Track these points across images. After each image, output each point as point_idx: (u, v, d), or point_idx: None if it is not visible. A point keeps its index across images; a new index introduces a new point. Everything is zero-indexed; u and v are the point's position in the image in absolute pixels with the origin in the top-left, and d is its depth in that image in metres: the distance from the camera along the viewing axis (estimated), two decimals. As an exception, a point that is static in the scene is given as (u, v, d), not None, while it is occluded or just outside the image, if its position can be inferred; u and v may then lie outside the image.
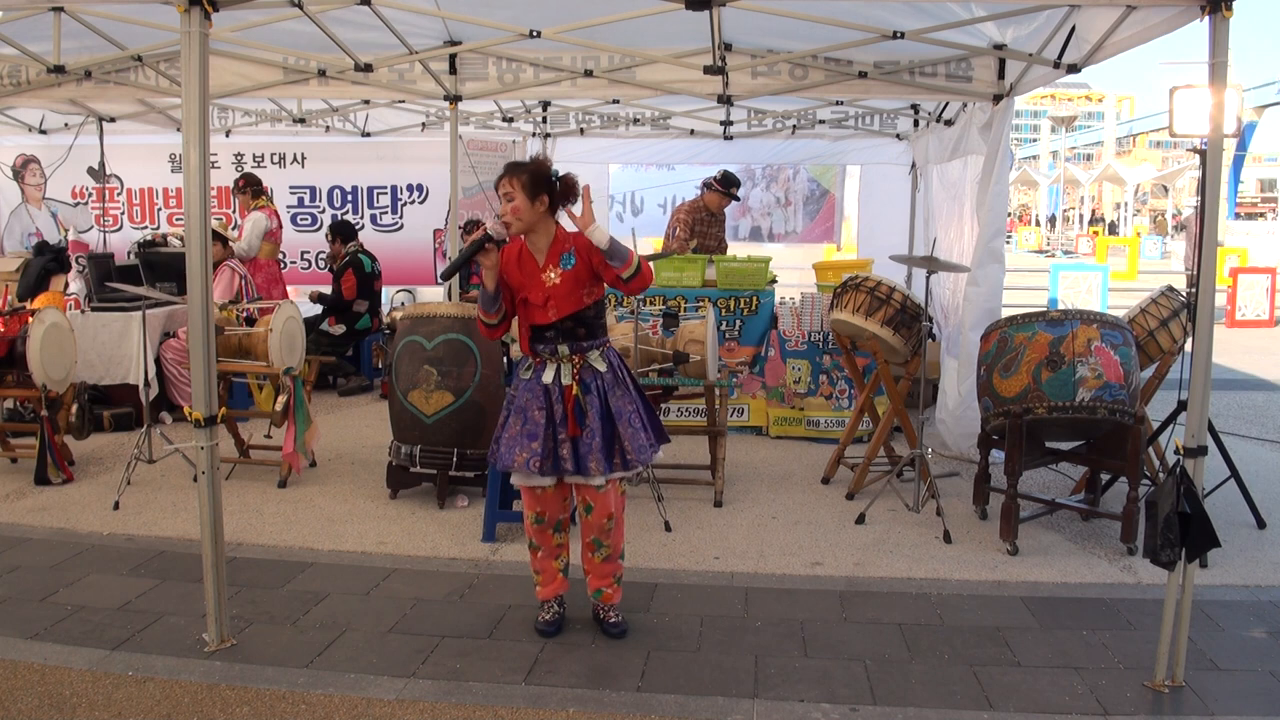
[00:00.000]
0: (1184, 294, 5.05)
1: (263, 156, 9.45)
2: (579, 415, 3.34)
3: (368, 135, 9.37)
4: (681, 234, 7.65)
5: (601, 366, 3.41)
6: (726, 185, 7.68)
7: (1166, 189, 36.53)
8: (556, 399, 3.36)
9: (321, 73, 6.00)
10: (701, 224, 7.76)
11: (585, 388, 3.37)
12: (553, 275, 3.33)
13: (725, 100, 6.27)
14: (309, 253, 9.54)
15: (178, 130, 8.44)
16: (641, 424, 3.41)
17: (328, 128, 9.06)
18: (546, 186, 3.29)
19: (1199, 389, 3.14)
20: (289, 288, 8.47)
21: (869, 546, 4.54)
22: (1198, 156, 3.44)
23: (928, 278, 5.22)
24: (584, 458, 3.34)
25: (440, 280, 3.16)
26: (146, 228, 9.53)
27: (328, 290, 8.26)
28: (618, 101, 8.07)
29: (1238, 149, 23.09)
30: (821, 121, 8.56)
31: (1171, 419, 4.89)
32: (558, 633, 3.56)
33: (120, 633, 3.52)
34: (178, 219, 9.53)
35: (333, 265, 8.41)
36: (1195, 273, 3.26)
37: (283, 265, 8.56)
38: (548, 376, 3.38)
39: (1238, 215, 27.20)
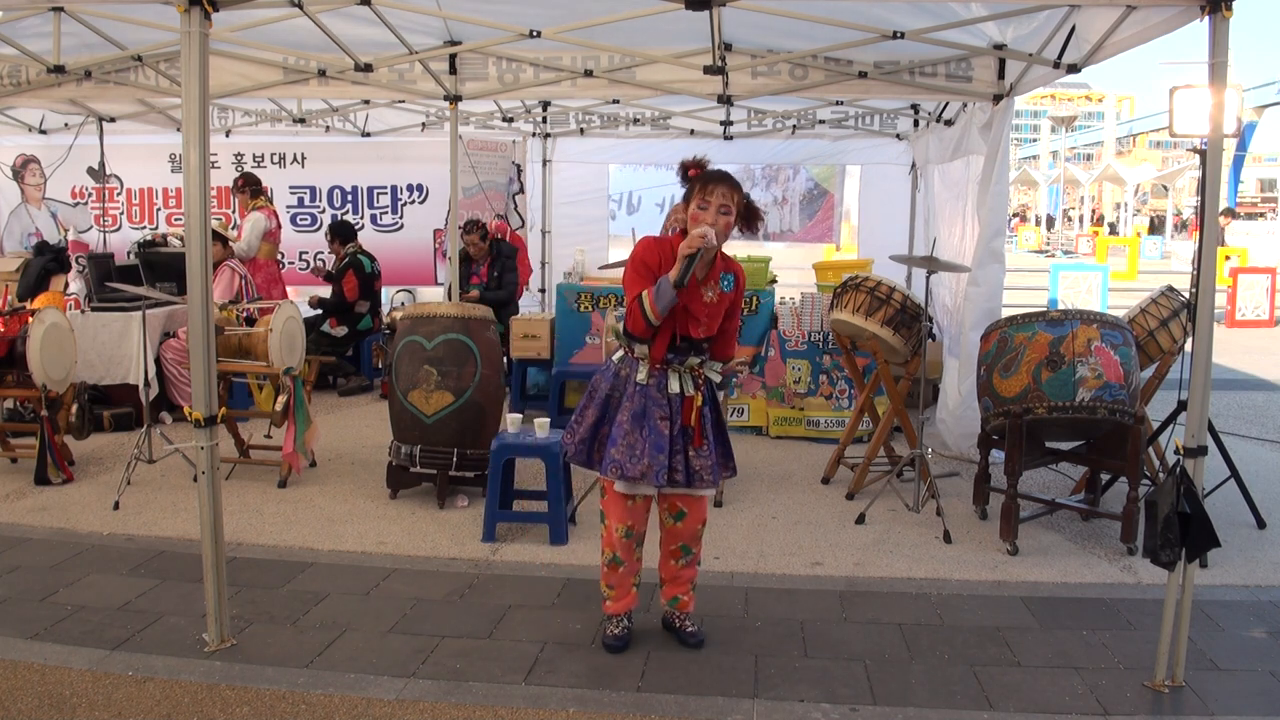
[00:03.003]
0: (1185, 294, 5.05)
1: (263, 156, 9.44)
2: (702, 426, 3.31)
3: (368, 135, 9.37)
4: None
5: (716, 378, 3.38)
6: None
7: (1166, 189, 36.47)
8: (677, 409, 3.30)
9: (321, 73, 6.00)
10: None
11: (703, 400, 3.34)
12: (711, 294, 3.28)
13: (725, 100, 6.27)
14: (308, 253, 9.54)
15: (178, 130, 8.44)
16: (727, 435, 3.44)
17: (328, 128, 9.06)
18: (747, 215, 3.28)
19: (1199, 389, 3.14)
20: (289, 288, 8.46)
21: (869, 546, 4.54)
22: (1198, 156, 3.44)
23: (928, 278, 5.23)
24: (696, 469, 3.29)
25: (676, 287, 3.01)
26: (146, 228, 9.53)
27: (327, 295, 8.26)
28: (618, 101, 8.07)
29: (1238, 149, 23.08)
30: (821, 121, 8.57)
31: (1171, 419, 4.89)
32: (626, 648, 3.45)
33: (120, 633, 3.52)
34: (177, 219, 9.53)
35: (329, 270, 8.41)
36: (1195, 272, 3.26)
37: (282, 265, 8.57)
38: (674, 387, 3.29)
39: (1237, 215, 27.18)
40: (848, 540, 4.62)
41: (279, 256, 8.41)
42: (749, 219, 3.31)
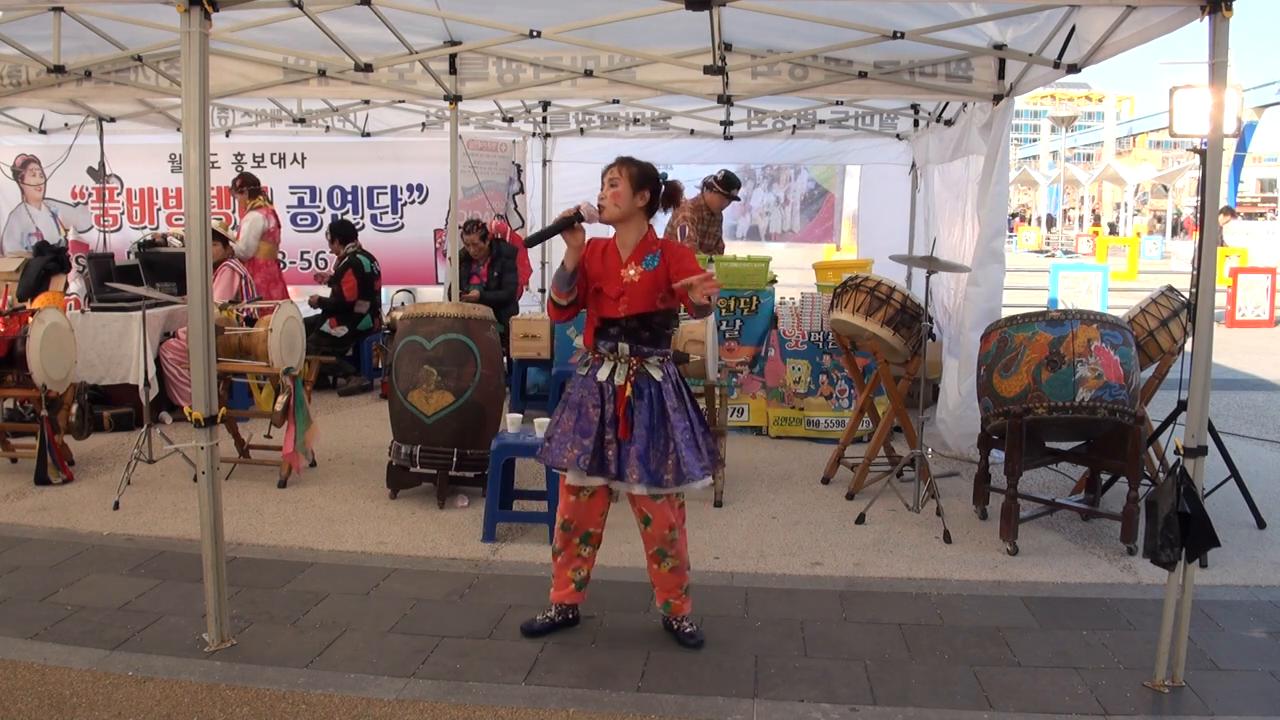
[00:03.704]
0: (1185, 294, 5.05)
1: (263, 156, 9.45)
2: (629, 419, 3.29)
3: (368, 135, 9.37)
4: (692, 233, 7.64)
5: (657, 376, 3.35)
6: (728, 187, 7.67)
7: (1166, 189, 36.47)
8: (609, 398, 3.33)
9: (321, 73, 6.00)
10: (703, 223, 7.77)
11: (638, 392, 3.32)
12: (632, 272, 3.33)
13: (725, 100, 6.27)
14: (309, 253, 9.54)
15: (178, 130, 8.44)
16: (691, 442, 3.33)
17: (328, 128, 9.06)
18: (652, 184, 3.38)
19: (1199, 389, 3.14)
20: (289, 288, 8.47)
21: (869, 546, 4.54)
22: (1198, 156, 3.44)
23: (928, 278, 5.23)
24: (623, 463, 3.29)
25: (525, 245, 3.26)
26: (146, 228, 9.53)
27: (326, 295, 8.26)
28: (618, 101, 8.08)
29: (1238, 149, 23.08)
30: (821, 121, 8.57)
31: (1171, 419, 4.89)
32: (542, 634, 3.52)
33: (120, 633, 3.52)
34: (178, 219, 9.53)
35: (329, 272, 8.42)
36: (1195, 272, 3.26)
37: (282, 265, 8.56)
38: (603, 374, 3.35)
39: (1236, 214, 27.17)
40: (848, 540, 4.62)
41: (279, 256, 8.41)
42: (669, 195, 3.48)
